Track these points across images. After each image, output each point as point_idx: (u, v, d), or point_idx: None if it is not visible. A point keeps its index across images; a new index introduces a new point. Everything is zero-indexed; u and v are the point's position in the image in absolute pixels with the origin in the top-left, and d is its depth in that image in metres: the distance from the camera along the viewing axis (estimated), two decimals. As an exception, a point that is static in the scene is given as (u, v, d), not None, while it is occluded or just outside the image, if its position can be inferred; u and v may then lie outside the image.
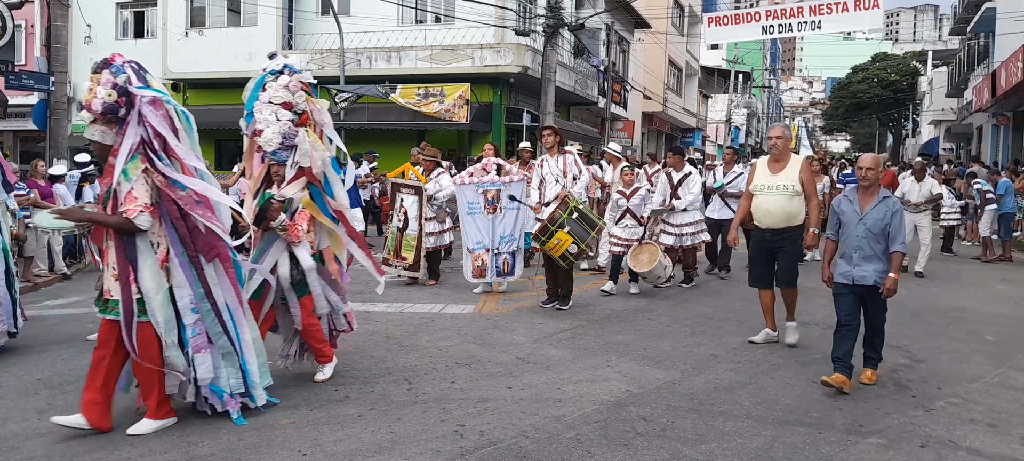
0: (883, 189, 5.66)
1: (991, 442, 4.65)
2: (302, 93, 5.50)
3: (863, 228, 5.55)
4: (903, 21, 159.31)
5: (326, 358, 5.68)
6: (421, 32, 20.96)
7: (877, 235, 5.50)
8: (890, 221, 5.49)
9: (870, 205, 5.59)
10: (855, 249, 5.57)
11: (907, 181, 11.75)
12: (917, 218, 11.32)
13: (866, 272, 5.53)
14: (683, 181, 9.91)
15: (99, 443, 4.40)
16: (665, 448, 4.42)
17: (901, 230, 5.50)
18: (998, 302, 9.63)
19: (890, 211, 5.52)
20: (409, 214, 9.91)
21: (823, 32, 19.76)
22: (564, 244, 7.85)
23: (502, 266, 9.09)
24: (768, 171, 6.66)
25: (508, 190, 9.01)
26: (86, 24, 23.18)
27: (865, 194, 5.66)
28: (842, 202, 5.76)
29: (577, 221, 7.87)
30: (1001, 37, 23.43)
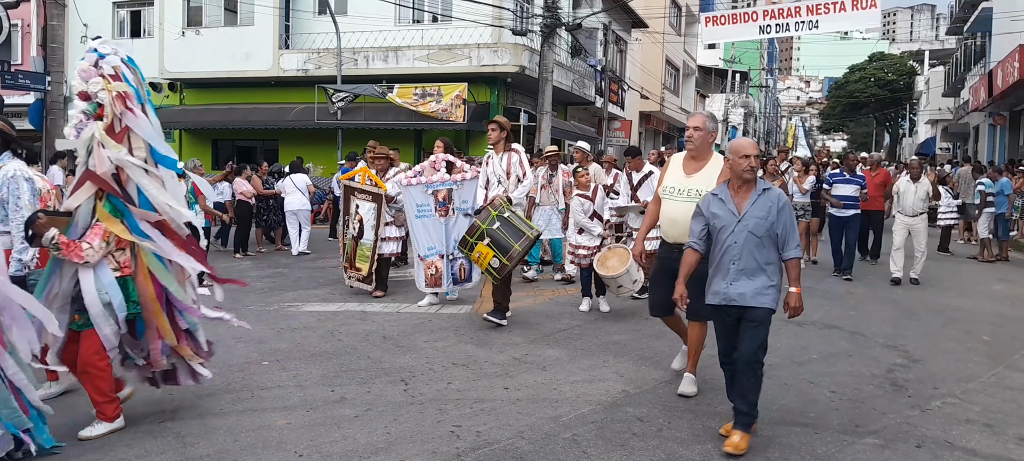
0: (761, 179, 4.55)
1: (987, 442, 4.66)
2: (99, 80, 4.51)
3: (744, 232, 4.38)
4: (900, 21, 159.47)
5: (104, 416, 4.53)
6: (418, 32, 20.95)
7: (761, 239, 4.37)
8: (776, 219, 4.37)
9: (748, 202, 4.43)
10: (733, 260, 4.39)
11: (902, 181, 10.92)
12: (913, 222, 10.57)
13: (743, 289, 4.37)
14: (643, 182, 8.94)
15: (95, 445, 4.39)
16: (661, 449, 4.42)
17: (794, 230, 4.42)
18: (994, 302, 9.64)
19: (775, 206, 4.38)
20: (365, 222, 9.10)
21: (820, 32, 19.79)
22: (485, 258, 7.05)
23: (458, 273, 8.38)
24: (682, 171, 5.42)
25: (460, 191, 8.29)
26: (83, 23, 23.12)
27: (741, 189, 4.49)
28: (712, 201, 4.54)
29: (500, 230, 7.02)
30: (998, 37, 23.46)
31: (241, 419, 4.82)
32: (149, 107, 4.81)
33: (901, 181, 10.94)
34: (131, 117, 4.62)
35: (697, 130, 5.32)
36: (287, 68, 21.25)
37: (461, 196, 8.27)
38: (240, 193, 13.59)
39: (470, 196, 8.16)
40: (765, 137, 72.33)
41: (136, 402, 5.10)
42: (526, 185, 7.73)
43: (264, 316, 8.02)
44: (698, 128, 5.32)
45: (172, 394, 5.29)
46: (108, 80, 4.53)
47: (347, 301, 8.75)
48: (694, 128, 5.33)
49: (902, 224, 10.64)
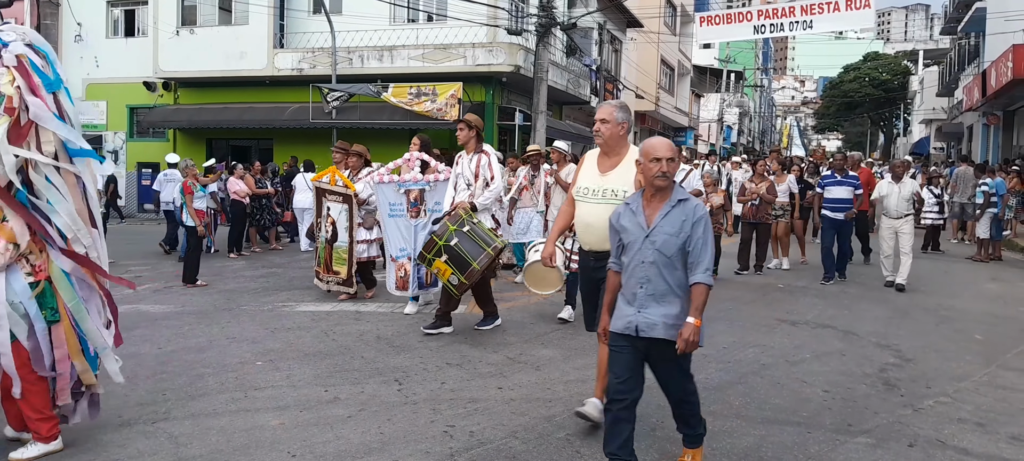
0: (679, 187, 3.83)
1: (979, 441, 4.67)
2: (2, 71, 4.05)
3: (652, 249, 3.70)
4: (894, 20, 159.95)
5: (39, 435, 4.18)
6: (413, 31, 20.92)
7: (671, 258, 3.68)
8: (690, 234, 3.67)
9: (660, 214, 3.72)
10: (640, 282, 3.72)
11: (884, 183, 10.63)
12: (897, 224, 10.21)
13: (653, 317, 3.70)
14: None
15: (88, 445, 4.38)
16: (655, 448, 4.43)
17: (707, 250, 3.68)
18: (987, 301, 9.67)
19: (690, 219, 3.69)
20: (338, 224, 8.83)
21: (815, 31, 19.86)
22: (443, 274, 6.58)
23: (425, 277, 8.00)
24: (596, 169, 4.66)
25: (433, 192, 7.86)
26: (76, 22, 23.06)
27: (653, 198, 3.77)
28: (623, 212, 3.86)
29: (458, 247, 6.48)
30: (991, 37, 23.53)
31: (234, 419, 4.81)
32: (65, 96, 4.28)
33: (883, 183, 10.62)
34: (35, 107, 4.06)
35: (604, 123, 4.55)
36: (282, 67, 21.21)
37: (434, 198, 7.86)
38: (234, 192, 13.57)
39: (443, 198, 7.63)
40: (760, 137, 72.44)
41: (128, 402, 5.10)
42: (494, 189, 7.13)
43: (258, 316, 8.01)
44: (605, 120, 4.55)
45: (165, 394, 5.29)
46: (11, 70, 4.05)
47: (341, 301, 8.74)
48: (601, 120, 4.56)
49: (888, 228, 10.32)
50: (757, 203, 11.11)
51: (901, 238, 10.19)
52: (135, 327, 7.50)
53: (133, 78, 22.86)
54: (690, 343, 3.62)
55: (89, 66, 23.48)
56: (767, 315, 8.32)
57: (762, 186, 11.18)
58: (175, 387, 5.47)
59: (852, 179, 10.90)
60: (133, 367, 6.00)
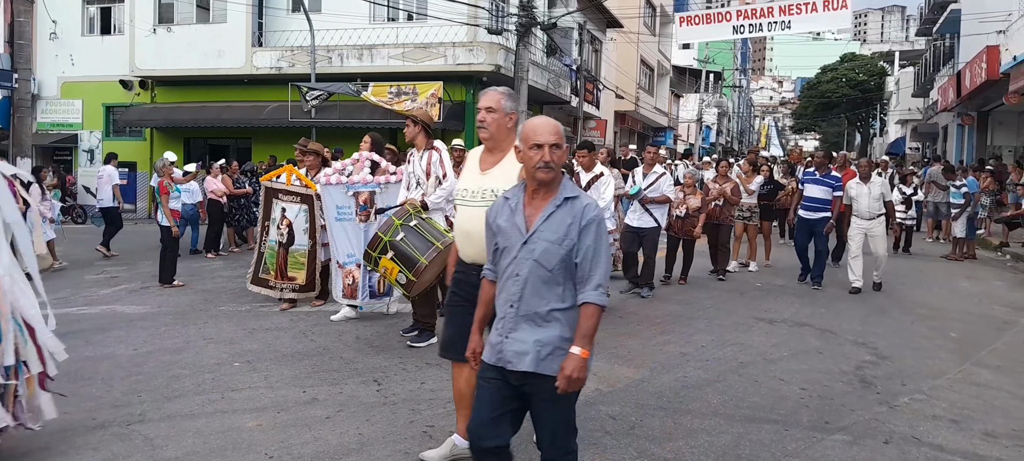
0: (569, 182, 3.09)
1: (954, 438, 4.73)
2: None
3: (529, 261, 2.97)
4: (871, 22, 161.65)
5: None
6: (393, 30, 20.84)
7: (553, 273, 2.95)
8: (578, 241, 2.95)
9: (542, 215, 3.00)
10: (511, 300, 3.00)
11: (852, 185, 10.06)
12: (869, 226, 9.83)
13: (523, 344, 2.96)
14: (592, 183, 8.24)
15: (60, 449, 4.32)
16: (633, 446, 4.44)
17: (600, 259, 2.94)
18: (962, 299, 9.79)
19: (577, 222, 2.95)
20: (295, 227, 8.28)
21: (792, 32, 19.99)
22: (391, 273, 6.06)
23: (376, 286, 7.61)
24: (478, 167, 4.04)
25: (384, 194, 7.41)
26: (51, 20, 22.76)
27: (536, 194, 3.05)
28: (500, 209, 3.12)
29: (404, 242, 5.95)
30: (966, 38, 23.82)
31: (211, 421, 4.77)
32: None
33: (851, 184, 10.12)
34: None
35: (490, 112, 3.90)
36: (260, 66, 21.05)
37: (385, 200, 7.36)
38: (211, 192, 13.46)
39: (395, 201, 7.04)
40: (739, 137, 72.92)
41: (103, 404, 5.04)
42: (447, 187, 6.57)
43: (235, 316, 7.95)
44: (491, 109, 3.90)
45: (140, 395, 5.23)
46: None
47: (320, 302, 8.68)
48: (486, 109, 3.89)
49: (858, 229, 9.89)
50: (721, 203, 10.69)
51: (873, 240, 9.86)
52: (110, 328, 7.42)
53: (109, 76, 22.60)
54: (574, 380, 2.87)
55: (64, 64, 23.19)
56: (745, 314, 8.37)
57: (726, 186, 10.82)
58: (151, 388, 5.41)
59: (832, 179, 10.46)
60: (108, 368, 5.94)
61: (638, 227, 9.30)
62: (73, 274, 11.21)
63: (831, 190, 10.33)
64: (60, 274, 11.30)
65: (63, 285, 10.19)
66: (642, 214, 9.29)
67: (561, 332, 2.97)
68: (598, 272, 2.95)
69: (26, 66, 15.52)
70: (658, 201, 9.29)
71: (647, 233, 9.24)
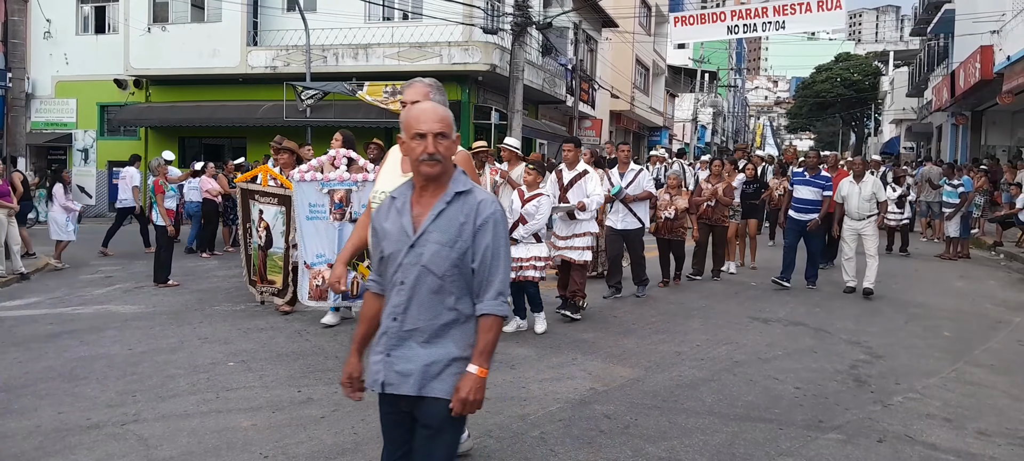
0: (461, 176, 2.64)
1: (947, 436, 4.75)
2: None
3: (416, 267, 2.55)
4: (865, 22, 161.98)
5: None
6: (388, 29, 20.82)
7: (443, 279, 2.55)
8: (472, 243, 2.55)
9: (431, 214, 2.58)
10: (394, 313, 2.59)
11: (845, 184, 9.83)
12: (859, 226, 9.62)
13: (408, 364, 2.56)
14: (575, 181, 7.84)
15: (56, 447, 4.32)
16: (628, 445, 4.45)
17: (499, 263, 2.56)
18: (955, 298, 9.82)
19: (471, 221, 2.55)
20: (272, 228, 8.05)
21: (787, 32, 20.06)
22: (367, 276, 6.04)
23: (351, 287, 7.08)
24: (398, 168, 3.95)
25: (360, 193, 7.17)
26: (45, 19, 22.68)
27: (425, 190, 2.63)
28: (387, 209, 2.68)
29: None
30: (960, 38, 23.88)
31: (205, 420, 4.76)
32: None
33: (844, 183, 9.86)
34: None
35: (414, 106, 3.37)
36: (255, 65, 21.01)
37: (362, 199, 7.08)
38: (206, 191, 13.44)
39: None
40: (734, 136, 73.00)
41: (97, 404, 5.04)
42: None
43: (230, 316, 7.94)
44: (417, 101, 3.41)
45: (135, 395, 5.22)
46: None
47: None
48: (412, 103, 3.30)
49: (850, 230, 9.71)
50: (714, 204, 10.42)
51: (865, 240, 9.65)
52: (105, 328, 7.41)
53: (104, 76, 22.53)
54: (470, 403, 2.52)
55: (58, 64, 23.11)
56: (739, 313, 8.39)
57: (719, 186, 10.56)
58: (145, 388, 5.41)
59: (822, 180, 10.20)
60: (103, 368, 5.94)
61: (623, 229, 8.95)
62: (68, 274, 11.18)
63: (821, 191, 10.12)
64: (55, 274, 11.27)
65: (58, 285, 10.17)
66: (626, 215, 8.95)
67: (453, 349, 2.57)
68: (497, 278, 2.57)
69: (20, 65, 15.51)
70: (640, 198, 8.97)
71: (632, 234, 8.96)
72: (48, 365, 6.04)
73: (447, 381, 2.55)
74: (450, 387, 2.55)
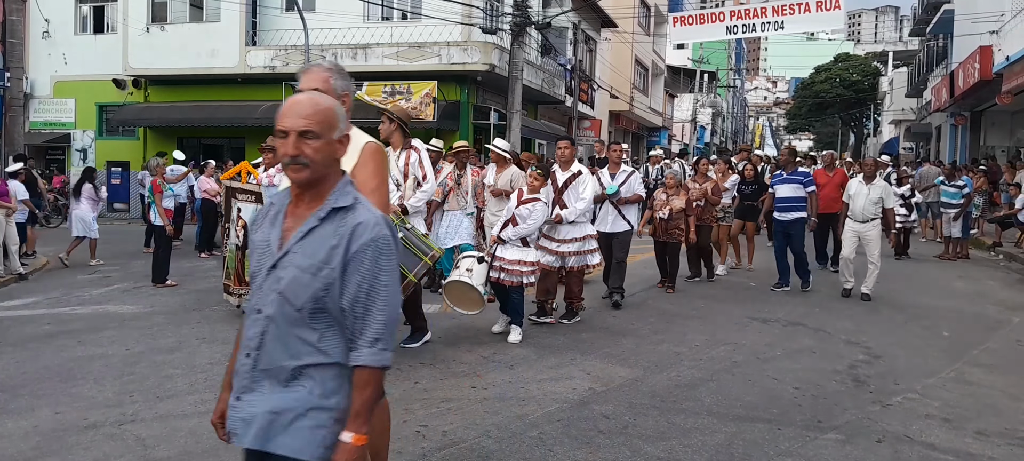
0: (347, 187, 2.16)
1: (946, 437, 4.74)
2: None
3: (273, 291, 2.10)
4: (865, 22, 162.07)
5: None
6: (387, 29, 20.82)
7: (302, 311, 2.07)
8: (343, 273, 2.06)
9: (301, 230, 2.12)
10: (248, 347, 2.12)
11: (853, 183, 9.63)
12: (863, 229, 9.32)
13: (254, 408, 2.09)
14: (570, 183, 7.56)
15: (53, 448, 4.31)
16: (627, 446, 4.44)
17: (376, 302, 2.05)
18: (954, 298, 9.82)
19: (344, 244, 2.06)
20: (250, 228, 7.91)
21: (786, 32, 20.08)
22: None
23: None
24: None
25: None
26: (44, 19, 22.67)
27: (301, 198, 2.17)
28: (262, 219, 2.25)
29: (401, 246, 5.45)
30: (959, 38, 23.90)
31: (204, 421, 4.74)
32: None
33: (852, 182, 9.68)
34: None
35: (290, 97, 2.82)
36: (254, 65, 21.00)
37: None
38: (205, 191, 13.43)
39: None
40: (733, 137, 73.02)
41: (95, 404, 5.02)
42: (427, 189, 6.33)
43: (229, 316, 7.93)
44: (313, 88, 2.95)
45: (132, 396, 5.21)
46: None
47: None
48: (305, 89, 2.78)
49: (852, 231, 9.44)
50: (702, 204, 10.14)
51: (868, 244, 9.31)
52: (103, 328, 7.40)
53: (102, 75, 22.51)
54: None
55: (57, 63, 23.09)
56: (739, 313, 8.38)
57: (707, 186, 10.36)
58: (143, 389, 5.39)
59: (800, 176, 10.06)
60: (101, 368, 5.93)
61: (611, 232, 8.48)
62: (66, 274, 11.16)
63: (802, 186, 9.90)
64: (52, 274, 11.26)
65: (56, 285, 10.16)
66: (616, 217, 8.54)
67: (311, 397, 2.06)
68: (374, 322, 2.04)
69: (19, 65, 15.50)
70: (631, 201, 8.63)
71: (620, 236, 8.50)
72: (46, 365, 6.03)
73: (298, 436, 2.04)
74: (302, 444, 2.03)
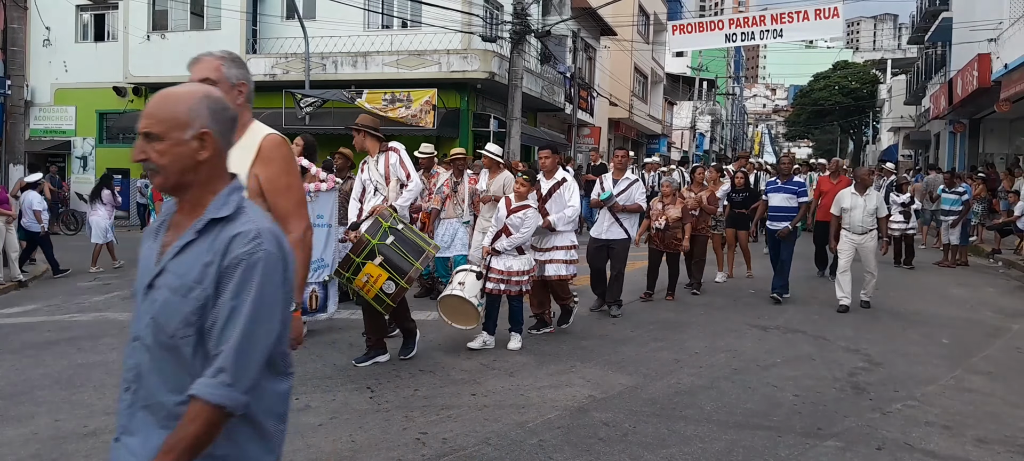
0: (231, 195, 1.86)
1: (946, 444, 4.74)
2: None
3: (147, 315, 1.82)
4: (863, 30, 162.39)
5: None
6: (387, 37, 20.87)
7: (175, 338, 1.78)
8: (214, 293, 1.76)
9: (176, 245, 1.84)
10: (128, 380, 1.89)
11: (847, 194, 9.27)
12: (861, 240, 9.05)
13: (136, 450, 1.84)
14: (554, 191, 7.33)
15: (53, 455, 4.30)
16: (627, 453, 4.44)
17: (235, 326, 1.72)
18: (953, 305, 9.82)
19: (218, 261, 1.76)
20: None
21: (785, 40, 20.11)
22: (377, 281, 5.66)
23: (309, 301, 7.04)
24: None
25: (314, 204, 6.67)
26: (45, 26, 22.73)
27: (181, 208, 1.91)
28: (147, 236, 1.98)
29: (394, 246, 5.72)
30: (957, 46, 23.96)
31: (203, 428, 4.74)
32: None
33: (845, 193, 9.33)
34: None
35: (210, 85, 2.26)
36: (254, 73, 20.59)
37: (315, 210, 6.71)
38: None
39: (326, 210, 6.89)
40: (732, 144, 73.10)
41: (95, 411, 5.02)
42: (412, 189, 6.22)
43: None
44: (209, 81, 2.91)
45: (133, 403, 5.20)
46: None
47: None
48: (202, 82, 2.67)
49: (848, 243, 9.13)
50: (697, 213, 9.88)
51: (865, 256, 9.12)
52: (103, 335, 7.39)
53: (103, 83, 22.56)
54: None
55: (58, 71, 23.15)
56: (738, 320, 8.38)
57: (703, 195, 10.12)
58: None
59: (795, 185, 9.95)
60: (101, 375, 5.92)
61: (607, 239, 8.32)
62: (66, 281, 11.17)
63: (796, 196, 9.85)
64: (53, 281, 11.27)
65: (56, 292, 10.16)
66: (612, 224, 8.31)
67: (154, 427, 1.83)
68: (226, 349, 1.73)
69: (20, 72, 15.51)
70: (630, 210, 8.33)
71: (617, 245, 8.29)
72: (45, 372, 6.03)
73: None
74: None
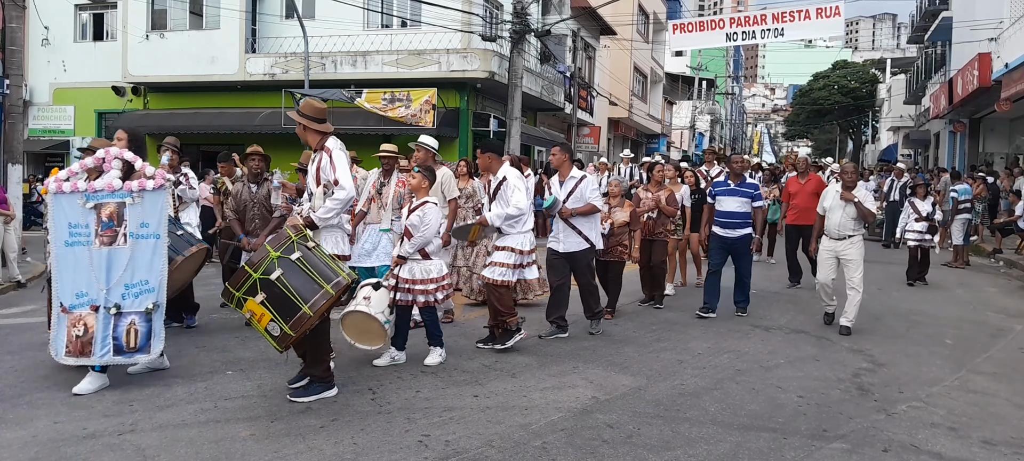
0: None
1: (952, 445, 4.71)
2: None
3: None
4: (863, 29, 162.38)
5: None
6: (387, 36, 20.83)
7: None
8: None
9: None
10: None
11: (829, 194, 8.15)
12: (839, 247, 7.86)
13: None
14: (497, 191, 6.73)
15: (52, 458, 4.26)
16: (631, 455, 4.40)
17: None
18: (956, 306, 9.79)
19: None
20: None
21: (785, 39, 20.08)
22: (260, 320, 4.85)
23: (125, 336, 5.38)
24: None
25: (139, 208, 5.45)
26: (44, 26, 22.68)
27: None
28: None
29: (281, 281, 4.83)
30: (957, 46, 23.95)
31: (203, 430, 4.71)
32: None
33: (828, 192, 8.22)
34: None
35: None
36: (253, 72, 21.02)
37: (140, 216, 5.45)
38: (205, 199, 13.38)
39: (154, 217, 5.48)
40: (731, 143, 73.07)
41: (94, 414, 4.98)
42: (340, 196, 5.35)
43: (229, 324, 7.88)
44: None
45: (132, 405, 5.17)
46: None
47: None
48: None
49: (828, 250, 7.98)
50: (655, 216, 8.84)
51: (847, 266, 7.84)
52: (102, 336, 7.34)
53: (102, 82, 22.54)
54: None
55: (56, 70, 23.11)
56: (741, 321, 8.35)
57: (661, 195, 8.96)
58: (143, 397, 5.35)
59: (749, 188, 8.63)
60: (99, 377, 5.87)
61: (565, 251, 7.23)
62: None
63: (750, 201, 8.57)
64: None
65: (54, 292, 10.11)
66: (568, 233, 7.21)
67: None
68: None
69: (18, 72, 15.43)
70: (582, 212, 7.15)
71: (577, 257, 7.23)
72: (44, 374, 5.98)
73: None
74: None
